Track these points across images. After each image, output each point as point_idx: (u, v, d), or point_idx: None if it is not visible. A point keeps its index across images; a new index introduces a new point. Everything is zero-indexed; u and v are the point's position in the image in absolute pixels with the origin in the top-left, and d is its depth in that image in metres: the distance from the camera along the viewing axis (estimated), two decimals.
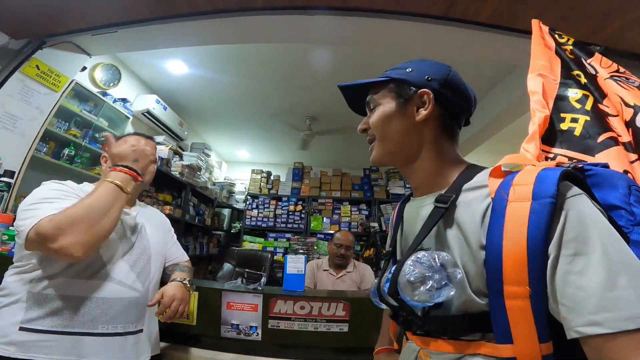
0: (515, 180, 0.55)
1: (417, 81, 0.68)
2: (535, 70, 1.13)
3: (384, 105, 0.71)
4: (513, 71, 2.95)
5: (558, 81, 1.11)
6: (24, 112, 2.01)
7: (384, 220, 4.75)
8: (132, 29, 1.98)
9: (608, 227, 0.49)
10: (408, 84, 0.69)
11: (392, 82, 0.71)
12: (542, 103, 1.05)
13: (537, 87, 1.08)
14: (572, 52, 1.18)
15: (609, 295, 0.43)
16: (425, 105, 0.67)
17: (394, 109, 0.69)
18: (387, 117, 0.70)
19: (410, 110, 0.68)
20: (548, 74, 1.12)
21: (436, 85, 0.67)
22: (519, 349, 0.50)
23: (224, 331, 1.47)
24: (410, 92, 0.68)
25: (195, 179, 4.16)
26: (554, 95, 1.09)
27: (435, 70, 0.69)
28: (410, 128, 0.69)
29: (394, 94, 0.70)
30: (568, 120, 1.03)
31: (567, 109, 1.05)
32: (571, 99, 1.07)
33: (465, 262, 0.57)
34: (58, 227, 0.89)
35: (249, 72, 3.31)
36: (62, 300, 0.99)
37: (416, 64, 0.72)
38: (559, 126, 1.04)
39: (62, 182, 1.10)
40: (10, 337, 0.93)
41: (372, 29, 2.00)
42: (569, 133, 1.01)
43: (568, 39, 1.21)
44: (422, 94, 0.67)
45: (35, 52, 2.03)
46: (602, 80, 1.08)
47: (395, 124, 0.69)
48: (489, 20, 1.80)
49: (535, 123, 1.01)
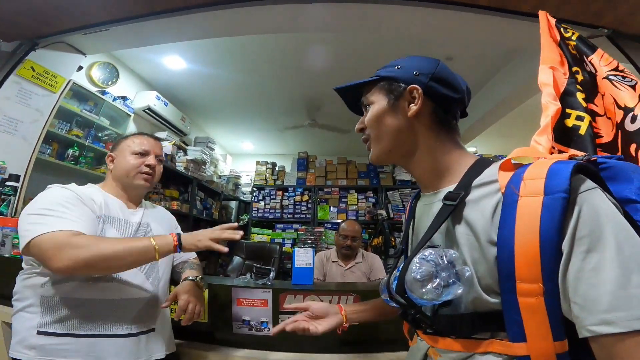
0: (526, 174, 0.53)
1: (405, 77, 0.69)
2: (546, 62, 1.11)
3: (376, 103, 0.72)
4: (518, 55, 2.87)
5: (567, 75, 1.10)
6: (23, 114, 2.00)
7: (391, 207, 4.73)
8: (125, 26, 1.94)
9: (623, 223, 0.48)
10: (397, 81, 0.70)
11: (382, 80, 0.72)
12: (554, 96, 1.03)
13: (548, 80, 1.06)
14: (575, 48, 1.15)
15: (622, 294, 0.42)
16: (415, 101, 0.68)
17: (386, 106, 0.70)
18: (379, 115, 0.71)
19: (401, 106, 0.69)
20: (558, 67, 1.11)
21: (425, 80, 0.68)
22: (533, 347, 0.50)
23: (236, 327, 1.47)
24: (400, 88, 0.69)
25: (200, 173, 4.16)
26: (562, 89, 1.08)
27: (423, 65, 0.70)
28: (403, 124, 0.69)
29: (385, 92, 0.71)
30: (573, 117, 1.03)
31: (574, 105, 1.05)
32: (578, 96, 1.05)
33: (475, 259, 0.56)
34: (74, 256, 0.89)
35: (248, 64, 3.27)
36: (74, 303, 1.00)
37: (404, 61, 0.73)
38: (563, 122, 1.03)
39: (67, 187, 1.09)
40: (30, 341, 0.95)
41: (373, 15, 1.95)
42: (574, 131, 1.01)
43: (573, 33, 1.18)
44: (411, 89, 0.68)
45: (29, 54, 2.00)
46: (600, 79, 1.07)
47: (388, 122, 0.70)
48: (493, 3, 1.74)
49: (549, 116, 0.99)
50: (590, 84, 1.08)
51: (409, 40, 2.61)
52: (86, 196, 1.09)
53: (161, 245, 0.98)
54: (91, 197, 1.11)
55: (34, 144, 2.10)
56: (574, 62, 1.13)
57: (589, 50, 1.12)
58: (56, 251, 0.89)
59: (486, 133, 4.01)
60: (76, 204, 1.03)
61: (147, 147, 1.24)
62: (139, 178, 1.20)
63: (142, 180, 1.21)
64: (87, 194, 1.11)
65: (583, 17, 1.15)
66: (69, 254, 0.88)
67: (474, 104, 0.97)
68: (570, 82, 1.09)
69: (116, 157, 1.24)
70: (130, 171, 1.20)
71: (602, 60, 1.09)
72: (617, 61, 1.08)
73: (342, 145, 5.46)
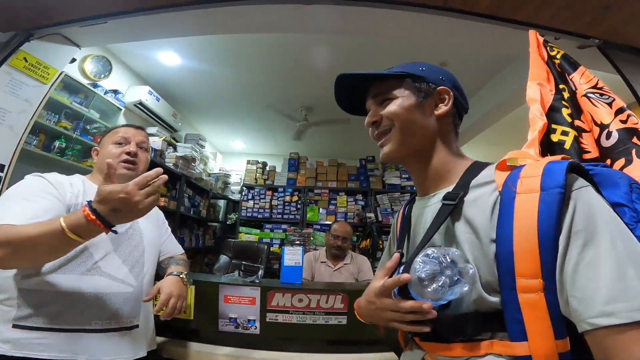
0: (522, 173, 0.56)
1: (433, 79, 0.72)
2: (534, 79, 1.16)
3: (403, 98, 0.71)
4: (512, 62, 2.93)
5: (553, 92, 1.15)
6: (12, 104, 1.95)
7: (380, 210, 4.76)
8: (122, 19, 1.92)
9: (616, 219, 0.50)
10: (426, 81, 0.72)
11: (409, 77, 0.73)
12: (541, 111, 1.08)
13: (536, 95, 1.11)
14: (559, 66, 1.21)
15: (619, 286, 0.43)
16: (445, 102, 0.71)
17: (414, 102, 0.71)
18: (408, 109, 0.71)
19: (428, 105, 0.71)
20: (545, 83, 1.16)
21: (449, 85, 0.72)
22: (534, 347, 0.49)
23: (222, 325, 1.46)
24: (429, 88, 0.71)
25: (189, 171, 4.12)
26: (548, 105, 1.12)
27: (443, 72, 0.74)
28: (429, 122, 0.71)
29: (413, 89, 0.72)
30: (559, 132, 1.07)
31: (560, 121, 1.09)
32: (564, 112, 1.10)
33: (476, 256, 0.57)
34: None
35: (243, 63, 3.26)
36: (54, 296, 0.98)
37: (426, 65, 0.75)
38: (549, 137, 1.07)
39: (42, 176, 1.07)
40: (4, 334, 0.93)
41: (369, 19, 1.96)
42: (559, 145, 1.05)
43: (558, 51, 1.24)
44: (442, 91, 0.71)
45: (23, 45, 1.96)
46: (579, 97, 1.12)
47: (416, 117, 0.71)
48: (488, 10, 1.77)
49: (536, 130, 1.04)
50: (574, 101, 1.13)
51: (404, 44, 2.63)
52: (60, 183, 1.07)
53: (72, 223, 0.83)
54: (70, 183, 1.10)
55: (21, 134, 2.05)
56: (561, 79, 1.18)
57: (570, 68, 1.18)
58: None
59: (476, 140, 4.07)
60: (39, 195, 1.00)
61: (127, 135, 1.23)
62: (120, 168, 1.17)
63: (124, 169, 1.18)
64: (64, 181, 1.09)
65: (574, 27, 1.19)
66: None
67: None
68: (556, 98, 1.13)
69: (100, 150, 1.24)
70: (111, 161, 1.18)
71: (583, 78, 1.14)
72: (597, 78, 1.13)
73: (333, 147, 5.48)
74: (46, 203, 1.00)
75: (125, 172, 1.18)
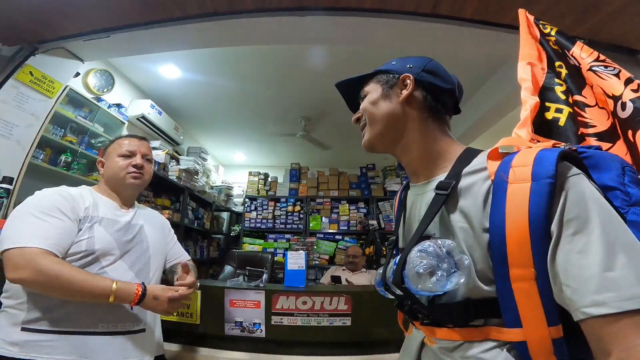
0: (513, 162, 0.55)
1: (399, 69, 0.76)
2: (524, 59, 1.15)
3: (371, 93, 0.77)
4: (503, 66, 2.97)
5: (546, 70, 1.14)
6: (19, 119, 2.00)
7: (382, 217, 4.77)
8: (124, 33, 1.98)
9: (607, 207, 0.50)
10: (391, 73, 0.76)
11: (379, 73, 0.79)
12: (532, 90, 1.07)
13: (526, 75, 1.10)
14: (555, 43, 1.20)
15: (610, 275, 0.44)
16: (407, 87, 0.72)
17: (381, 93, 0.76)
18: (374, 101, 0.76)
19: (394, 93, 0.74)
20: (537, 62, 1.15)
21: (417, 70, 0.74)
22: (529, 333, 0.51)
23: (228, 329, 1.47)
24: (394, 78, 0.75)
25: (192, 183, 4.15)
26: (541, 84, 1.11)
27: (416, 60, 0.76)
28: (395, 109, 0.74)
29: (380, 82, 0.77)
30: (553, 110, 1.06)
31: (553, 98, 1.08)
32: (557, 90, 1.09)
33: (470, 246, 0.57)
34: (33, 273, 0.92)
35: (242, 75, 3.31)
36: (62, 301, 1.00)
37: (400, 59, 0.79)
38: (544, 115, 1.06)
39: (56, 191, 1.11)
40: (12, 337, 0.95)
41: (362, 28, 2.02)
42: (554, 123, 1.04)
43: (551, 28, 1.23)
44: (404, 77, 0.73)
45: (28, 59, 2.02)
46: (585, 71, 1.11)
47: (381, 107, 0.75)
48: (475, 15, 1.83)
49: (527, 109, 1.02)
50: (576, 76, 1.11)
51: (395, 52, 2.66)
52: (73, 198, 1.11)
53: (122, 291, 1.00)
54: (82, 196, 1.14)
55: (28, 148, 2.10)
56: (557, 57, 1.16)
57: (569, 43, 1.17)
58: (20, 266, 0.93)
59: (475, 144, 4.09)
60: (55, 213, 1.04)
61: (133, 147, 1.28)
62: (128, 178, 1.23)
63: (132, 179, 1.23)
64: (76, 194, 1.13)
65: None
66: (28, 271, 0.93)
67: (461, 116, 1.03)
68: (549, 76, 1.12)
69: (105, 161, 1.28)
70: (119, 173, 1.23)
71: (583, 52, 1.13)
72: (597, 52, 1.12)
73: (334, 156, 5.50)
74: (59, 224, 1.03)
75: (133, 182, 1.24)
